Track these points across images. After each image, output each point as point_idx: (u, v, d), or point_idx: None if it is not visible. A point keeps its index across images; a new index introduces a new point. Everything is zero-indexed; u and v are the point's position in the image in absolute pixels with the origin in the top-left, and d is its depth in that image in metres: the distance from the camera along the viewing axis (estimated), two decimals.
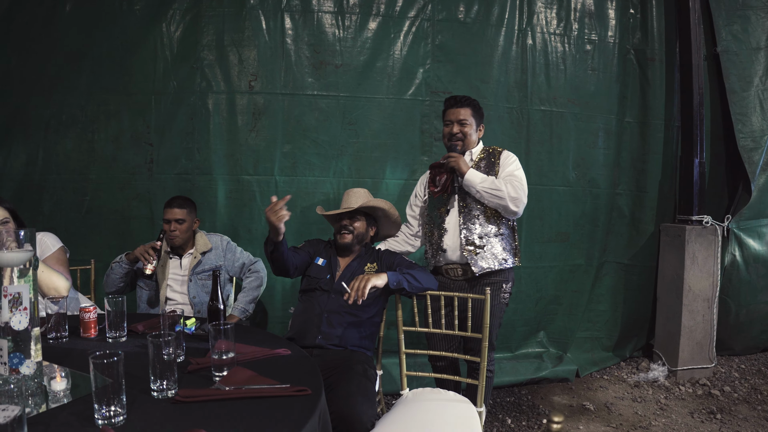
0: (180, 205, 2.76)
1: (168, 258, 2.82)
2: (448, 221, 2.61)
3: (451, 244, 2.58)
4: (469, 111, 2.61)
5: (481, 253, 2.52)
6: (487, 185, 2.46)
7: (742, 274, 4.08)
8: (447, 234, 2.60)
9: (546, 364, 3.74)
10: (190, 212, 2.79)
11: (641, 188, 4.01)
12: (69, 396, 1.34)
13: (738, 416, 3.21)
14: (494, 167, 2.58)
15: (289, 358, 1.72)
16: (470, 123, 2.61)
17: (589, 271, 3.93)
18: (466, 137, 2.61)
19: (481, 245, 2.53)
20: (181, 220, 2.74)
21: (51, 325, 1.84)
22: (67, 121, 3.42)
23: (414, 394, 2.21)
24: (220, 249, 2.88)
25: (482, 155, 2.64)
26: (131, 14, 3.39)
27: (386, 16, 3.46)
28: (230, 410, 1.28)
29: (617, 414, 3.24)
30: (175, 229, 2.73)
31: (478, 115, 2.66)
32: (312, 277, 2.55)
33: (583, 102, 3.77)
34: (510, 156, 2.61)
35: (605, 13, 3.81)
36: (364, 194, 2.70)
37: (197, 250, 2.81)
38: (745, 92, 4.00)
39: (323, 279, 2.51)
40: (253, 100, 3.40)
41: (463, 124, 2.60)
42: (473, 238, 2.53)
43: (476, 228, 2.54)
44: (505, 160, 2.59)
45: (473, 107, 2.63)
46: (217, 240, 2.91)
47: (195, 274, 2.78)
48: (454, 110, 2.62)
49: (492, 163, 2.59)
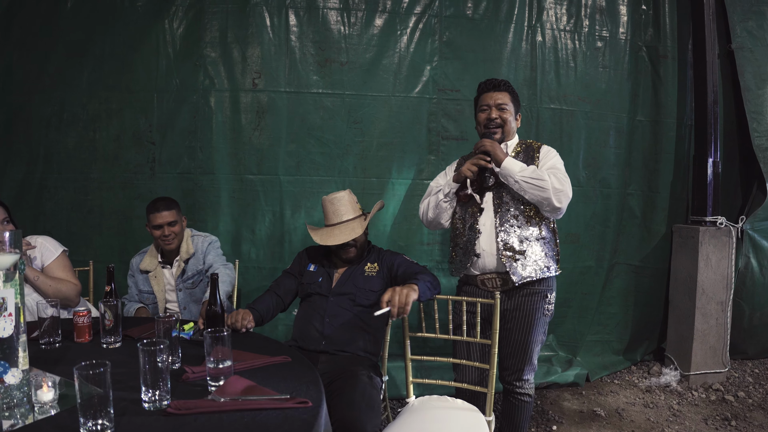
0: (167, 206, 2.61)
1: (161, 269, 2.71)
2: (482, 222, 2.30)
3: (487, 248, 2.28)
4: (508, 96, 2.35)
5: (521, 260, 2.24)
6: (527, 174, 2.16)
7: (756, 276, 3.98)
8: (481, 236, 2.29)
9: (555, 368, 3.66)
10: (178, 211, 2.65)
11: (653, 188, 3.92)
12: (57, 407, 1.28)
13: (753, 423, 3.12)
14: (533, 162, 2.30)
15: (289, 366, 1.65)
16: (510, 109, 2.34)
17: (600, 273, 3.84)
18: (505, 124, 2.33)
19: (521, 250, 2.24)
20: (173, 222, 2.60)
21: (44, 330, 1.78)
22: (68, 120, 3.37)
23: (421, 401, 2.14)
24: (200, 252, 2.72)
25: (519, 148, 2.37)
26: (133, 11, 3.34)
27: (393, 13, 3.39)
28: (226, 423, 1.21)
29: (629, 420, 3.16)
30: (169, 233, 2.60)
31: (517, 102, 2.40)
32: (306, 284, 2.46)
33: (593, 100, 3.69)
34: (551, 151, 2.34)
35: (616, 9, 3.71)
36: (348, 201, 2.47)
37: (181, 258, 2.69)
38: (760, 90, 3.90)
39: (316, 283, 2.42)
40: (257, 98, 3.34)
41: (503, 109, 2.33)
42: (512, 242, 2.24)
43: (515, 230, 2.25)
44: (546, 155, 2.32)
45: (512, 93, 2.38)
46: (199, 242, 2.74)
47: (183, 283, 2.68)
48: (492, 94, 2.35)
49: (531, 157, 2.32)
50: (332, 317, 2.31)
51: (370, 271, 2.41)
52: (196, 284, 2.68)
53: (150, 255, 2.73)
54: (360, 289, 2.35)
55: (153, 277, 2.69)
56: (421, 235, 3.48)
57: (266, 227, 3.39)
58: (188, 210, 3.33)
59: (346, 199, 2.46)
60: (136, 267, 2.74)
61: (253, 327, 2.13)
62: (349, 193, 2.51)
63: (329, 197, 2.47)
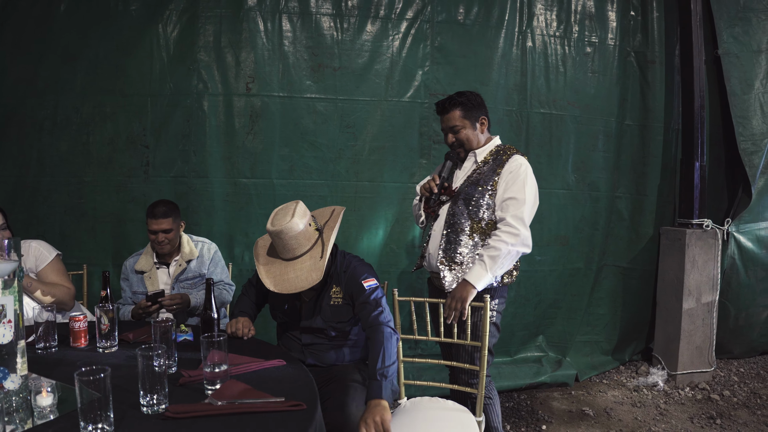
0: (164, 213, 2.60)
1: (156, 269, 2.73)
2: (434, 228, 2.42)
3: (432, 252, 2.41)
4: (458, 113, 2.36)
5: (456, 269, 2.30)
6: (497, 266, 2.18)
7: (741, 277, 4.06)
8: (430, 240, 2.44)
9: (545, 368, 3.72)
10: (175, 219, 2.66)
11: (641, 191, 3.99)
12: (56, 411, 1.30)
13: (738, 421, 3.19)
14: (495, 175, 2.30)
15: (284, 369, 1.69)
16: (463, 125, 2.36)
17: (589, 275, 3.91)
18: (464, 142, 2.39)
19: (459, 261, 2.30)
20: (169, 229, 2.61)
21: (40, 335, 1.80)
22: (61, 123, 3.37)
23: (412, 403, 2.18)
24: (206, 258, 2.76)
25: (489, 157, 2.38)
26: (127, 15, 3.35)
27: (385, 18, 3.42)
28: (223, 426, 1.25)
29: (617, 419, 3.22)
30: (163, 240, 2.61)
31: (473, 111, 2.38)
32: (273, 307, 2.31)
33: (582, 105, 3.74)
34: (517, 168, 2.28)
35: (605, 15, 3.77)
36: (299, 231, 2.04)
37: (183, 258, 2.71)
38: (746, 95, 3.97)
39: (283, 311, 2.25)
40: (251, 102, 3.36)
41: (456, 130, 2.38)
42: (451, 250, 2.32)
43: (458, 240, 2.31)
44: (506, 177, 2.28)
45: (462, 106, 2.36)
46: (204, 248, 2.78)
47: (178, 282, 2.70)
48: (444, 118, 2.41)
49: (493, 171, 2.32)
50: (307, 346, 2.21)
51: (336, 298, 2.16)
52: (196, 285, 2.72)
53: (146, 255, 2.75)
54: (329, 324, 2.16)
55: (147, 278, 2.71)
56: (413, 238, 3.53)
57: (259, 230, 3.40)
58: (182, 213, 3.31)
59: (294, 230, 2.02)
60: (131, 269, 2.76)
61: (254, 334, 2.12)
62: (299, 216, 2.05)
63: (275, 230, 2.02)
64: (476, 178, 2.35)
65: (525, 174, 2.28)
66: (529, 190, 2.26)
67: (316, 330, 2.17)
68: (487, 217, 2.30)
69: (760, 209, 4.04)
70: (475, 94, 2.44)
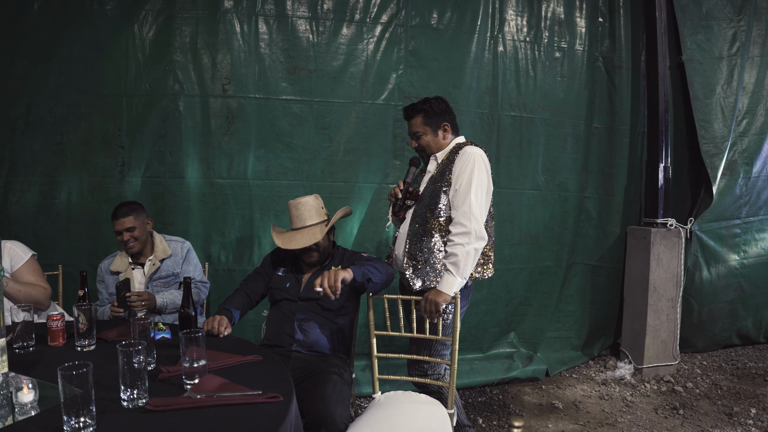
0: (125, 213, 2.67)
1: (131, 269, 2.76)
2: (401, 229, 2.51)
3: (398, 252, 2.48)
4: (419, 119, 2.46)
5: (422, 269, 2.36)
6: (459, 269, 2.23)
7: (703, 274, 4.22)
8: (397, 241, 2.52)
9: (517, 363, 3.82)
10: (137, 216, 2.70)
11: (608, 192, 4.12)
12: (37, 407, 1.33)
13: (699, 411, 3.33)
14: (448, 170, 2.37)
15: (260, 364, 1.74)
16: (424, 131, 2.46)
17: (558, 273, 4.02)
18: (426, 147, 2.49)
19: (422, 259, 2.37)
20: (132, 227, 2.66)
21: (17, 334, 1.82)
22: (35, 123, 3.34)
23: (386, 396, 2.24)
24: (179, 257, 2.82)
25: (446, 157, 2.45)
26: (102, 14, 3.33)
27: (360, 22, 3.48)
28: (202, 418, 1.30)
29: (585, 412, 3.33)
30: (128, 239, 2.66)
31: (434, 118, 2.46)
32: (275, 289, 2.54)
33: (552, 108, 3.86)
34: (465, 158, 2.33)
35: (574, 21, 3.90)
36: (313, 206, 2.52)
37: (156, 257, 2.76)
38: (708, 99, 4.13)
39: (285, 289, 2.50)
40: (227, 103, 3.39)
41: (417, 136, 2.48)
42: (414, 251, 2.39)
43: (421, 240, 2.38)
44: (458, 166, 2.33)
45: (424, 113, 2.46)
46: (177, 247, 2.84)
47: (152, 281, 2.74)
48: (408, 124, 2.52)
49: (448, 165, 2.39)
50: (301, 321, 2.39)
51: None
52: (170, 284, 2.75)
53: (121, 256, 2.78)
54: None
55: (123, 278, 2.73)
56: (387, 238, 3.60)
57: (236, 230, 3.44)
58: (158, 213, 3.36)
59: (310, 204, 2.51)
60: (106, 270, 2.78)
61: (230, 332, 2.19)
62: (315, 198, 2.55)
63: (294, 202, 2.52)
64: (436, 178, 2.43)
65: (473, 162, 2.30)
66: (476, 179, 2.28)
67: (313, 298, 2.40)
68: (444, 214, 2.36)
69: (721, 209, 4.21)
70: (440, 100, 2.52)
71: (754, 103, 4.30)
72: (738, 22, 4.19)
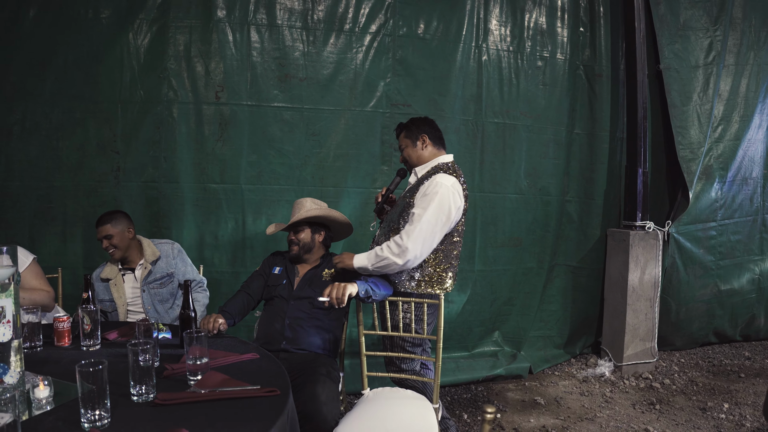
0: (103, 221, 2.76)
1: (121, 275, 2.84)
2: (378, 234, 2.67)
3: None
4: (403, 134, 2.68)
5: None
6: (373, 261, 2.39)
7: (681, 275, 4.38)
8: (375, 240, 2.67)
9: (501, 361, 3.95)
10: (116, 224, 2.76)
11: (589, 196, 4.27)
12: (52, 403, 1.43)
13: (675, 406, 3.48)
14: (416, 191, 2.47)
15: (257, 361, 1.85)
16: (405, 145, 2.66)
17: (541, 274, 4.16)
18: (408, 160, 2.67)
19: None
20: (109, 235, 2.73)
21: (25, 335, 1.91)
22: (30, 128, 3.39)
23: (374, 393, 2.35)
24: (171, 257, 2.91)
25: (424, 174, 2.56)
26: (97, 23, 3.39)
27: (349, 32, 3.59)
28: (207, 411, 1.41)
29: (566, 407, 3.47)
30: (108, 246, 2.75)
31: (413, 131, 2.63)
32: (270, 286, 2.67)
33: (534, 115, 4.00)
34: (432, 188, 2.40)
35: (556, 31, 4.04)
36: (307, 204, 2.76)
37: (146, 261, 2.84)
38: (685, 107, 4.28)
39: (280, 286, 2.63)
40: (220, 110, 3.48)
41: (401, 149, 2.69)
42: None
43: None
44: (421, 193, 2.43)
45: (406, 128, 2.67)
46: (167, 248, 2.93)
47: (147, 284, 2.82)
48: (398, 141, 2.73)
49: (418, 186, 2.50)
50: (292, 319, 2.51)
51: (327, 276, 2.63)
52: (165, 285, 2.84)
53: (111, 264, 2.86)
54: (317, 294, 2.48)
55: (113, 285, 2.81)
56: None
57: (229, 234, 3.53)
58: (152, 217, 3.45)
59: (306, 202, 2.78)
60: (96, 278, 2.86)
61: (227, 329, 2.30)
62: (313, 201, 2.79)
63: (296, 201, 2.82)
64: (411, 191, 2.53)
65: (435, 193, 2.36)
66: (432, 210, 2.34)
67: (304, 297, 2.55)
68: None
69: (697, 212, 4.37)
70: (422, 118, 2.71)
71: (729, 110, 4.46)
72: (714, 32, 4.34)
